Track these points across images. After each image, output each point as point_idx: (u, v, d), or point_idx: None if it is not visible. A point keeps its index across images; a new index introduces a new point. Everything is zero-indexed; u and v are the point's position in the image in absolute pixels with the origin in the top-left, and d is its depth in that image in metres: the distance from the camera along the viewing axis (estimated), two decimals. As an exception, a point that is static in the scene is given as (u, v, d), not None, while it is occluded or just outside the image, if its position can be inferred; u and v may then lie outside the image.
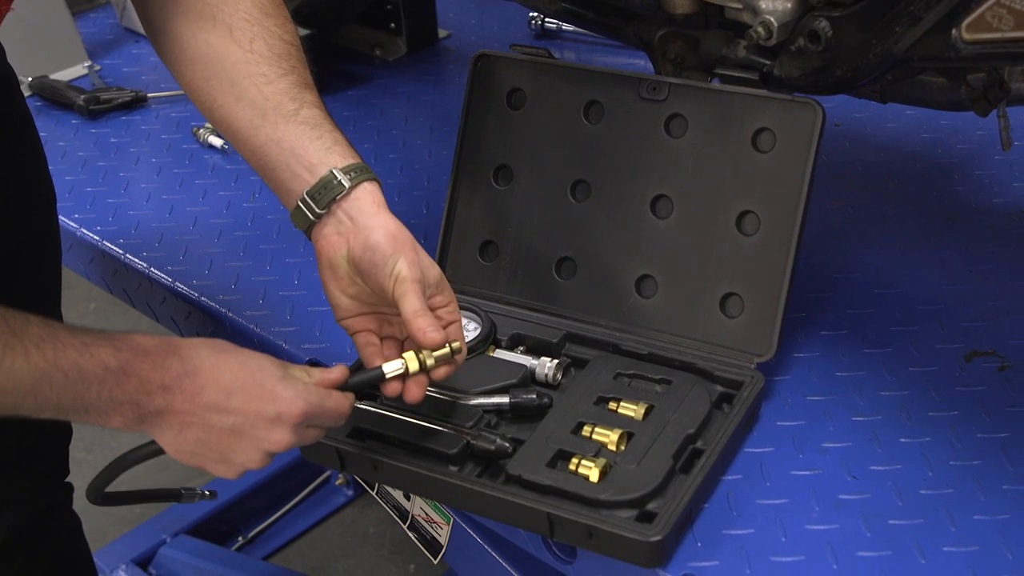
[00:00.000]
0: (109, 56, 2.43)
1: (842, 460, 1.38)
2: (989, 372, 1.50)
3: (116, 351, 1.12)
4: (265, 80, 1.32)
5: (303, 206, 1.29)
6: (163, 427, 1.17)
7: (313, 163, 1.30)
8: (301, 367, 1.24)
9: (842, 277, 1.68)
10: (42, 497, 1.66)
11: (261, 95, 1.32)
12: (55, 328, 1.11)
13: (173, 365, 1.15)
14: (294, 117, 1.31)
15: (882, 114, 2.03)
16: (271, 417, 1.18)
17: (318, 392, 1.21)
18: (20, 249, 1.53)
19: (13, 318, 1.08)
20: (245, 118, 1.32)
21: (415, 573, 2.65)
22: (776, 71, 1.46)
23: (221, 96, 1.33)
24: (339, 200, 1.28)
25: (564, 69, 1.58)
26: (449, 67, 2.36)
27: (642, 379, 1.45)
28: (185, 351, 1.16)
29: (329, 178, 1.28)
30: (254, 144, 1.33)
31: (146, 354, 1.14)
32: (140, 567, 2.49)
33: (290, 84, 1.33)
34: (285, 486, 2.74)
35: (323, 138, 1.31)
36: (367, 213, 1.28)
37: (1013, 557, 1.25)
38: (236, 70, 1.33)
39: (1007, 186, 1.86)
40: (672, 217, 1.51)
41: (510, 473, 1.33)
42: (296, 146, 1.30)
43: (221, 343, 1.20)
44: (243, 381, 1.17)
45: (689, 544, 1.28)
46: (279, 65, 1.34)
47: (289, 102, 1.32)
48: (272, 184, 1.35)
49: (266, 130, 1.31)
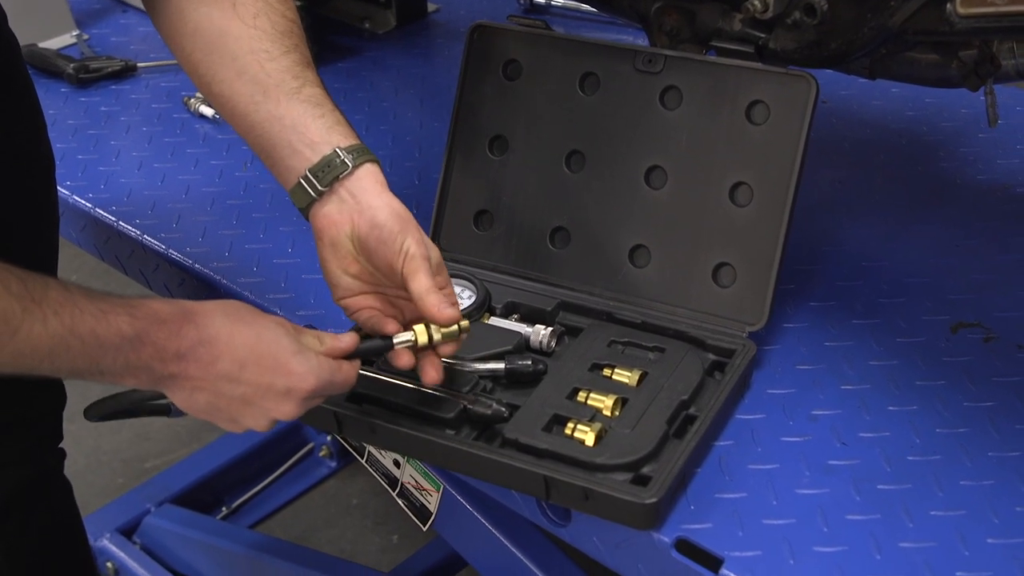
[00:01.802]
0: (97, 25, 2.43)
1: (832, 427, 1.41)
2: (974, 343, 1.53)
3: (132, 319, 1.13)
4: (268, 56, 1.33)
5: (304, 183, 1.30)
6: (175, 389, 1.19)
7: (315, 141, 1.30)
8: (313, 333, 1.25)
9: (831, 250, 1.71)
10: (36, 462, 1.66)
11: (264, 71, 1.32)
12: (73, 293, 1.11)
13: (189, 333, 1.16)
14: (296, 95, 1.32)
15: (868, 91, 2.05)
16: (281, 390, 1.21)
17: (329, 367, 1.23)
18: (19, 217, 1.53)
19: (32, 282, 1.09)
20: (246, 93, 1.33)
21: (398, 543, 2.68)
22: (771, 44, 1.48)
23: (222, 71, 1.34)
24: (342, 179, 1.29)
25: (560, 41, 1.60)
26: (438, 41, 2.36)
27: (635, 347, 1.47)
28: (201, 318, 1.17)
29: (332, 156, 1.29)
30: (254, 120, 1.33)
31: (162, 322, 1.15)
32: (124, 536, 2.50)
33: (292, 62, 1.34)
34: (269, 457, 2.76)
35: (325, 117, 1.32)
36: (371, 192, 1.29)
37: (999, 520, 1.28)
38: (239, 45, 1.33)
39: (991, 163, 1.89)
40: (666, 188, 1.53)
41: (507, 437, 1.35)
42: (298, 124, 1.31)
43: (237, 309, 1.21)
44: (257, 354, 1.18)
45: (682, 507, 1.31)
46: (282, 42, 1.35)
47: (292, 80, 1.33)
48: (270, 161, 1.35)
49: (267, 106, 1.32)
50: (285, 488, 2.79)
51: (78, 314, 1.10)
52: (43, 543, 1.68)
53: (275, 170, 1.35)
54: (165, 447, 2.99)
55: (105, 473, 2.91)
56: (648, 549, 1.29)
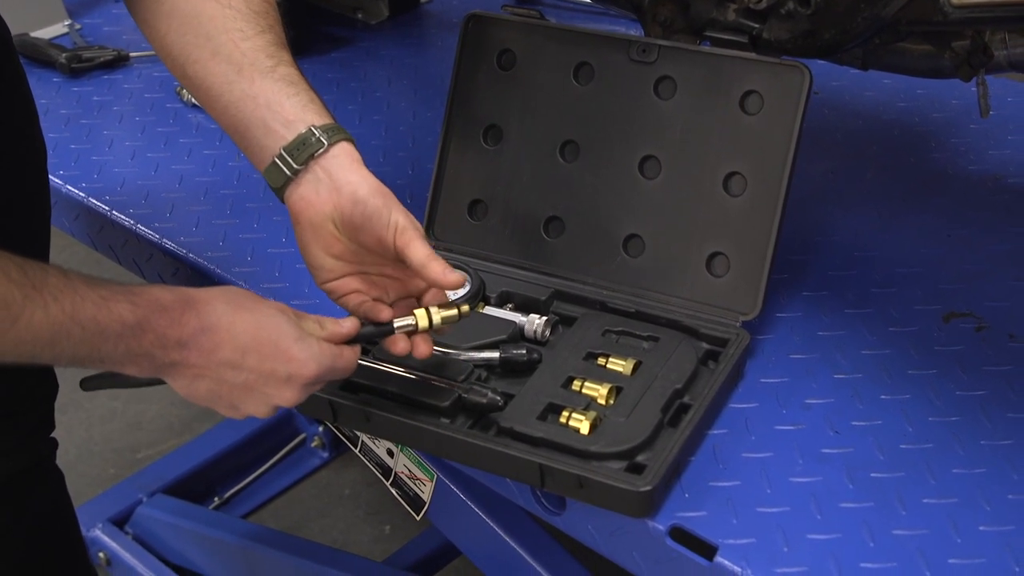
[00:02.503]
0: (89, 15, 2.42)
1: (825, 416, 1.41)
2: (966, 332, 1.53)
3: (134, 306, 1.13)
4: (242, 36, 1.32)
5: (279, 162, 1.29)
6: (176, 376, 1.19)
7: (290, 119, 1.30)
8: (314, 318, 1.25)
9: (823, 240, 1.71)
10: (29, 452, 1.66)
11: (238, 50, 1.32)
12: (73, 280, 1.11)
13: (190, 321, 1.16)
14: (271, 73, 1.31)
15: (860, 83, 2.06)
16: (283, 377, 1.21)
17: (330, 353, 1.23)
18: (10, 207, 1.53)
19: (32, 269, 1.09)
20: (220, 73, 1.32)
21: (391, 534, 2.68)
22: (765, 34, 1.49)
23: (196, 51, 1.33)
24: (317, 156, 1.28)
25: (555, 30, 1.60)
26: (431, 31, 2.36)
27: (630, 336, 1.48)
28: (202, 306, 1.17)
29: (307, 135, 1.29)
30: (228, 100, 1.32)
31: (164, 309, 1.15)
32: (116, 526, 2.50)
33: (267, 42, 1.34)
34: (261, 447, 2.76)
35: (299, 95, 1.31)
36: (347, 169, 1.29)
37: (991, 508, 1.29)
38: (213, 24, 1.33)
39: (982, 154, 1.90)
40: (660, 178, 1.54)
41: (502, 425, 1.35)
42: (272, 102, 1.30)
43: (238, 296, 1.21)
44: (259, 341, 1.19)
45: (677, 495, 1.31)
46: (256, 22, 1.34)
47: (266, 59, 1.32)
48: (244, 142, 1.34)
49: (241, 85, 1.31)
50: (277, 478, 2.78)
51: (79, 300, 1.10)
52: (36, 533, 1.68)
53: (249, 150, 1.34)
54: (157, 437, 2.98)
55: (96, 463, 2.91)
56: (643, 537, 1.30)
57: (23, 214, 1.56)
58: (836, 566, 1.23)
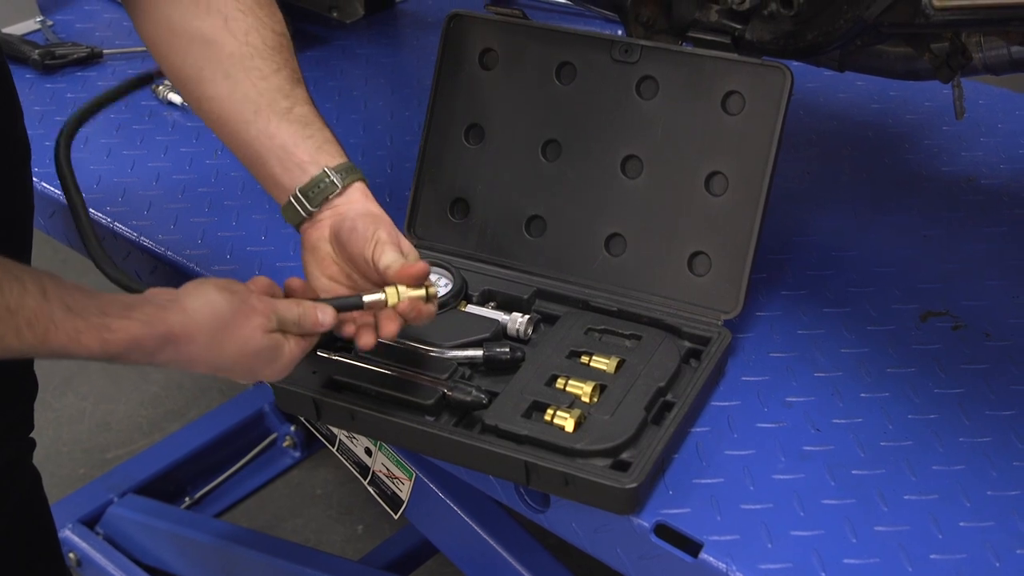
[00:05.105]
0: (61, 12, 2.40)
1: (806, 414, 1.43)
2: (943, 331, 1.55)
3: (105, 344, 1.11)
4: (260, 75, 1.35)
5: (295, 203, 1.33)
6: None
7: (304, 161, 1.34)
8: (296, 315, 1.23)
9: (800, 240, 1.73)
10: (7, 449, 1.65)
11: (255, 90, 1.34)
12: (51, 303, 1.09)
13: (166, 353, 1.16)
14: (287, 115, 1.34)
15: (833, 84, 2.08)
16: (252, 378, 1.28)
17: (300, 351, 1.25)
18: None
19: (10, 290, 1.07)
20: (237, 111, 1.35)
21: (363, 533, 2.67)
22: (747, 35, 1.50)
23: (212, 88, 1.36)
24: (331, 199, 1.33)
25: (537, 30, 1.60)
26: (407, 30, 2.36)
27: (612, 334, 1.49)
28: (182, 342, 1.16)
29: (321, 176, 1.33)
30: (244, 139, 1.35)
31: (138, 346, 1.14)
32: (87, 527, 2.48)
33: (283, 80, 1.36)
34: (232, 447, 2.74)
35: (314, 137, 1.35)
36: (355, 203, 1.34)
37: (971, 504, 1.30)
38: (231, 63, 1.35)
39: (955, 155, 1.92)
40: (642, 177, 1.55)
41: (486, 423, 1.36)
42: (288, 144, 1.34)
43: (222, 320, 1.18)
44: (233, 363, 1.21)
45: (661, 492, 1.32)
46: (273, 59, 1.36)
47: (283, 99, 1.35)
48: (260, 177, 1.38)
49: (258, 126, 1.34)
50: (248, 478, 2.77)
51: (52, 330, 1.09)
52: (11, 532, 1.67)
53: (265, 185, 1.38)
54: (126, 437, 2.96)
55: (65, 463, 2.89)
56: (627, 534, 1.30)
57: (6, 213, 1.54)
58: (819, 562, 1.24)
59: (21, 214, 1.56)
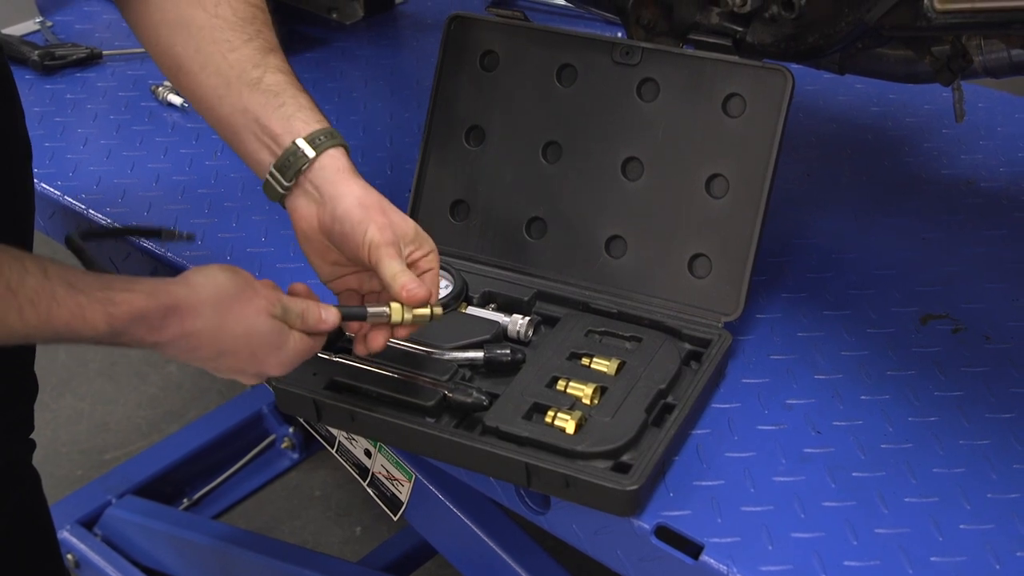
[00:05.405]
0: (61, 12, 2.40)
1: (806, 416, 1.43)
2: (943, 334, 1.55)
3: (110, 317, 1.11)
4: (229, 47, 1.32)
5: (271, 179, 1.30)
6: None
7: (277, 133, 1.29)
8: (299, 310, 1.23)
9: (800, 243, 1.73)
10: (7, 450, 1.65)
11: (226, 62, 1.31)
12: (52, 280, 1.09)
13: (171, 326, 1.15)
14: (257, 85, 1.31)
15: (834, 87, 2.08)
16: (251, 374, 1.25)
17: (305, 348, 1.24)
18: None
19: (10, 270, 1.07)
20: (210, 86, 1.32)
21: (361, 535, 2.67)
22: (748, 38, 1.50)
23: (186, 63, 1.33)
24: (305, 171, 1.29)
25: (538, 32, 1.61)
26: (406, 32, 2.36)
27: (613, 336, 1.49)
28: (186, 312, 1.16)
29: (292, 149, 1.29)
30: (219, 115, 1.33)
31: (142, 318, 1.13)
32: (85, 528, 2.48)
33: (253, 50, 1.32)
34: (230, 449, 2.74)
35: (285, 105, 1.30)
36: (332, 182, 1.29)
37: (971, 507, 1.30)
38: (201, 35, 1.32)
39: (955, 158, 1.92)
40: (642, 179, 1.55)
41: (487, 425, 1.36)
42: (260, 116, 1.30)
43: (228, 295, 1.19)
44: (237, 347, 1.20)
45: (662, 494, 1.32)
46: (243, 30, 1.33)
47: (252, 69, 1.31)
48: (241, 155, 1.35)
49: (231, 100, 1.31)
50: (247, 480, 2.76)
51: (55, 307, 1.09)
52: (11, 533, 1.67)
53: (247, 162, 1.35)
54: (124, 439, 2.96)
55: (64, 465, 2.88)
56: (628, 536, 1.30)
57: (7, 213, 1.54)
58: (820, 564, 1.24)
59: (22, 214, 1.56)
